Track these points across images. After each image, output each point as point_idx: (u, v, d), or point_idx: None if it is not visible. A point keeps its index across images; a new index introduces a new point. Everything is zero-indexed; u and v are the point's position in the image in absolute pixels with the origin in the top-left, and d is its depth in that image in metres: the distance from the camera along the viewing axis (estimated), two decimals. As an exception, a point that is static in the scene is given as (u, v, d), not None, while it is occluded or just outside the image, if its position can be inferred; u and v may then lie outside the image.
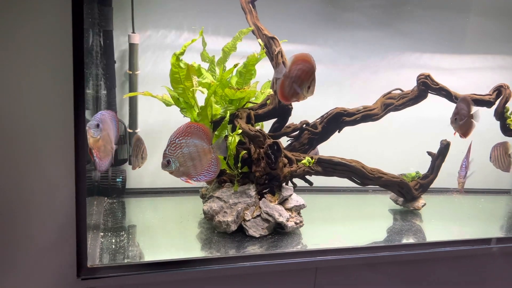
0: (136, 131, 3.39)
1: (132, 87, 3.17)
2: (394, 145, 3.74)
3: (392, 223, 3.11)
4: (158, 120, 3.28)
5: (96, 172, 3.30)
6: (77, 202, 2.08)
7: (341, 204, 3.52)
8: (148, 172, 3.46)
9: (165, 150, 2.23)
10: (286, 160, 2.75)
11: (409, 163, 3.55)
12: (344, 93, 3.67)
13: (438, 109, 3.39)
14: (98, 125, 2.26)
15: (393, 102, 3.16)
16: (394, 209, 3.38)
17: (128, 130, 3.23)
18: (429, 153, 3.33)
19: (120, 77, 3.22)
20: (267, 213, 2.64)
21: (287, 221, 2.66)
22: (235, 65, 2.65)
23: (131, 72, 3.15)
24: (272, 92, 2.74)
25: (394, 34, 3.83)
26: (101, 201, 3.25)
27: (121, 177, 3.33)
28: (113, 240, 2.51)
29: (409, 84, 3.21)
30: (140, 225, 2.77)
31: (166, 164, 2.22)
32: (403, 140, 3.88)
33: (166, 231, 2.67)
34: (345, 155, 2.91)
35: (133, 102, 3.32)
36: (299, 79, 2.34)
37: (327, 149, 3.09)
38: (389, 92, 3.20)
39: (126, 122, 3.35)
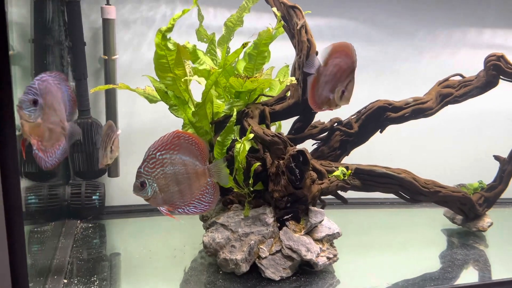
0: (117, 133, 2.76)
1: (109, 76, 2.80)
2: (441, 147, 3.47)
3: (451, 251, 2.70)
4: (146, 120, 2.94)
5: (65, 187, 2.74)
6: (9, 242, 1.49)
7: (379, 224, 3.15)
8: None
9: (139, 168, 1.79)
10: (314, 175, 2.33)
11: (465, 170, 3.11)
12: (383, 80, 3.33)
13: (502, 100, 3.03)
14: (35, 102, 1.59)
15: (452, 92, 2.72)
16: (450, 229, 3.00)
17: (105, 133, 2.61)
18: (497, 158, 2.92)
19: (94, 64, 2.83)
20: (291, 248, 2.21)
21: (318, 257, 2.24)
22: (244, 44, 2.15)
23: (106, 57, 2.76)
24: (293, 81, 2.31)
25: (447, 4, 3.36)
26: (72, 226, 2.70)
27: (98, 193, 2.81)
28: (79, 292, 2.03)
29: (468, 67, 2.82)
30: (120, 263, 2.39)
31: (139, 187, 1.78)
32: (454, 141, 3.48)
33: (155, 272, 2.28)
34: (378, 161, 2.61)
35: (110, 97, 2.81)
36: (334, 78, 2.02)
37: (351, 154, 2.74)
38: (447, 79, 2.78)
39: (103, 123, 2.87)
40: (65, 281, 2.09)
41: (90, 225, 2.75)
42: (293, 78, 2.26)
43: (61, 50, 2.61)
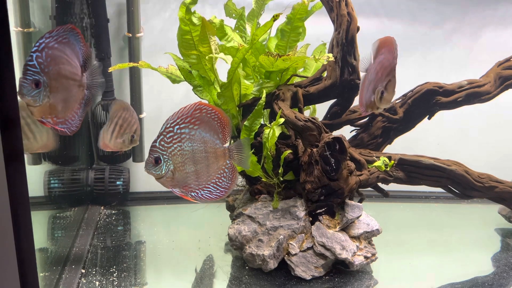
0: (141, 116, 2.82)
1: (133, 55, 2.72)
2: (497, 137, 3.25)
3: (506, 253, 2.52)
4: (174, 101, 2.80)
5: (88, 172, 2.68)
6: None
7: (424, 220, 2.99)
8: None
9: (154, 141, 1.64)
10: (352, 165, 2.19)
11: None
12: (433, 60, 3.12)
13: None
14: (37, 84, 1.47)
15: (515, 74, 2.54)
16: (505, 229, 2.80)
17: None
18: None
19: (118, 42, 2.77)
20: (324, 246, 2.08)
21: (354, 255, 2.11)
22: (275, 16, 1.97)
23: (130, 35, 2.69)
24: (330, 58, 2.12)
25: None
26: (94, 213, 2.65)
27: (122, 178, 2.73)
28: (97, 283, 1.95)
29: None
30: (141, 253, 2.33)
31: (153, 163, 1.64)
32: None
33: (177, 264, 2.23)
34: (424, 151, 2.47)
35: (135, 77, 2.72)
36: (376, 76, 1.90)
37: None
38: (508, 59, 2.58)
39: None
40: (83, 271, 2.03)
41: (113, 211, 2.69)
42: (330, 55, 2.07)
43: (83, 27, 2.52)
